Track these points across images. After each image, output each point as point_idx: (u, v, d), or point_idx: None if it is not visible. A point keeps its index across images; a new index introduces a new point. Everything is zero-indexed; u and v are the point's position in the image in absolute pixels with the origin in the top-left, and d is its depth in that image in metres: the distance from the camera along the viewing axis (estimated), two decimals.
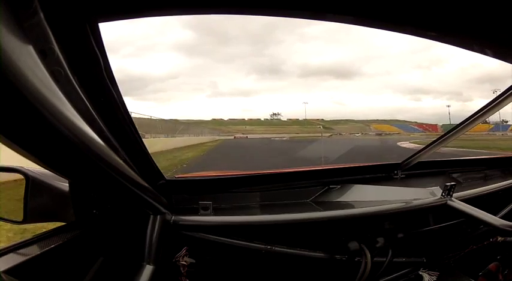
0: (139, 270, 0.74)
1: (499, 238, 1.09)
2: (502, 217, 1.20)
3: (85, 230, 0.80)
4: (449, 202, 1.14)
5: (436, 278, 1.20)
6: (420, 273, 1.22)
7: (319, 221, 1.02)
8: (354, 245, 1.06)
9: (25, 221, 0.77)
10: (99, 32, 0.49)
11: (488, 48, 0.77)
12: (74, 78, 0.44)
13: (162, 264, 0.79)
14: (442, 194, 1.18)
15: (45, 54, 0.36)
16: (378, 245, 1.09)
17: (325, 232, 1.09)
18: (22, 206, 0.76)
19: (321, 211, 1.11)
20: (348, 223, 1.08)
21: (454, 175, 1.53)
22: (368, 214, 1.08)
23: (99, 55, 0.51)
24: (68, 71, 0.42)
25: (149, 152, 0.82)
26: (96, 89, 0.54)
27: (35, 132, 0.35)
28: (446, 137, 1.29)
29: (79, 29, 0.46)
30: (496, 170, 1.67)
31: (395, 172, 1.38)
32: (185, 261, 0.88)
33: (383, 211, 1.09)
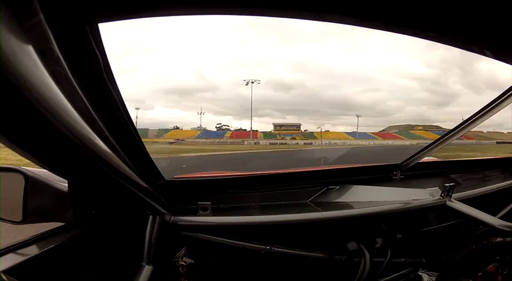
0: (138, 270, 0.74)
1: (498, 239, 1.09)
2: (501, 218, 1.21)
3: (84, 230, 0.80)
4: (448, 203, 1.14)
5: (435, 279, 1.20)
6: (419, 273, 1.22)
7: (318, 222, 1.03)
8: (352, 245, 1.06)
9: (24, 221, 0.77)
10: (99, 32, 0.49)
11: (487, 49, 0.77)
12: (73, 78, 0.44)
13: (161, 264, 0.79)
14: (441, 195, 1.18)
15: (45, 55, 0.36)
16: (377, 246, 1.09)
17: (324, 232, 1.09)
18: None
19: (320, 211, 1.11)
20: (347, 224, 1.08)
21: (453, 176, 1.53)
22: (367, 215, 1.08)
23: (98, 55, 0.51)
24: (68, 71, 0.42)
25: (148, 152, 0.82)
26: (95, 89, 0.54)
27: (34, 132, 0.35)
28: (445, 139, 1.30)
29: (79, 29, 0.47)
30: (494, 171, 1.68)
31: (394, 172, 1.38)
32: (184, 261, 0.88)
33: (382, 211, 1.09)
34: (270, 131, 38.24)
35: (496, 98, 1.09)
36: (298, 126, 39.32)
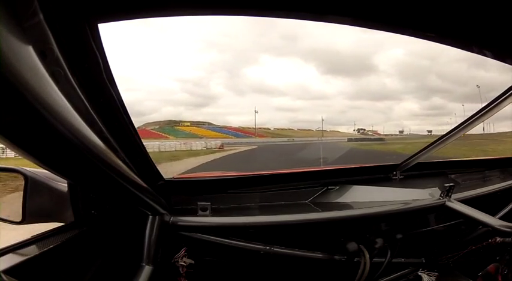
0: (138, 270, 0.74)
1: (498, 239, 1.09)
2: (500, 218, 1.21)
3: (84, 230, 0.80)
4: (448, 203, 1.14)
5: (435, 279, 1.20)
6: (419, 274, 1.22)
7: (318, 222, 1.03)
8: (352, 245, 1.06)
9: (24, 221, 0.77)
10: (99, 33, 0.49)
11: (487, 50, 0.77)
12: (73, 79, 0.44)
13: (160, 265, 0.79)
14: (440, 195, 1.18)
15: (44, 55, 0.36)
16: (376, 246, 1.09)
17: (323, 232, 1.09)
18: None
19: (319, 211, 1.11)
20: (346, 224, 1.08)
21: (453, 176, 1.53)
22: (367, 215, 1.08)
23: (98, 56, 0.51)
24: (68, 72, 0.42)
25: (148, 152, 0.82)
26: (95, 90, 0.54)
27: (34, 132, 0.35)
28: (445, 138, 1.29)
29: (79, 30, 0.46)
30: (494, 171, 1.67)
31: (394, 172, 1.38)
32: (184, 262, 0.88)
33: (382, 211, 1.09)
34: None
35: (496, 98, 1.09)
36: None
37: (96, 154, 0.46)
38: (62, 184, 0.83)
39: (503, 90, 1.05)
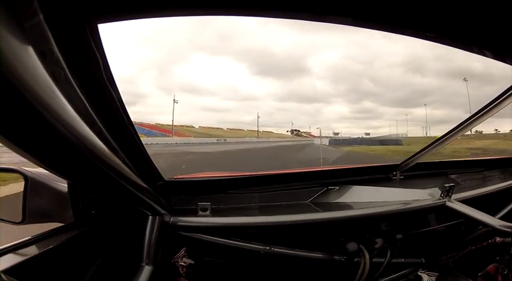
0: (138, 271, 0.74)
1: (498, 239, 1.09)
2: (500, 218, 1.21)
3: (84, 230, 0.80)
4: (448, 203, 1.14)
5: (435, 279, 1.20)
6: (419, 274, 1.22)
7: (318, 222, 1.03)
8: (352, 246, 1.06)
9: (24, 221, 0.77)
10: (99, 33, 0.49)
11: (487, 50, 0.77)
12: (73, 79, 0.44)
13: (160, 265, 0.79)
14: (440, 195, 1.18)
15: (44, 55, 0.36)
16: (376, 246, 1.09)
17: (323, 232, 1.09)
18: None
19: (319, 212, 1.11)
20: (346, 224, 1.08)
21: (453, 176, 1.53)
22: (367, 215, 1.08)
23: (98, 56, 0.51)
24: (68, 72, 0.42)
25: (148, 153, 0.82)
26: (95, 90, 0.54)
27: (34, 133, 0.35)
28: (445, 139, 1.29)
29: (78, 30, 0.46)
30: (494, 172, 1.67)
31: (394, 173, 1.38)
32: (184, 262, 0.88)
33: (382, 212, 1.09)
34: None
35: (496, 98, 1.09)
36: None
37: (96, 154, 0.46)
38: (62, 184, 0.83)
39: (503, 91, 1.05)
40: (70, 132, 0.38)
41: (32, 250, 0.65)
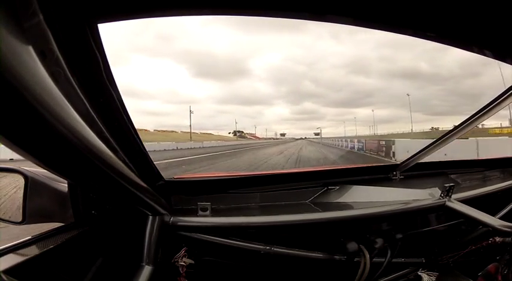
0: (138, 271, 0.74)
1: (498, 239, 1.09)
2: (500, 218, 1.21)
3: (84, 230, 0.80)
4: (448, 203, 1.14)
5: (435, 279, 1.20)
6: (419, 274, 1.22)
7: (318, 222, 1.03)
8: (352, 245, 1.06)
9: (24, 221, 0.77)
10: (99, 33, 0.50)
11: (487, 49, 0.77)
12: (73, 79, 0.44)
13: (160, 265, 0.79)
14: (440, 195, 1.18)
15: (44, 55, 0.36)
16: (376, 246, 1.09)
17: (323, 232, 1.09)
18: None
19: (319, 212, 1.11)
20: (346, 224, 1.08)
21: (453, 176, 1.53)
22: (367, 215, 1.08)
23: (98, 56, 0.51)
24: (68, 72, 0.42)
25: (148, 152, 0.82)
26: (95, 90, 0.54)
27: (34, 133, 0.35)
28: (445, 138, 1.29)
29: (78, 30, 0.47)
30: (494, 171, 1.67)
31: (394, 172, 1.38)
32: (184, 262, 0.88)
33: (382, 212, 1.09)
34: None
35: (496, 98, 1.09)
36: None
37: (96, 154, 0.46)
38: (62, 184, 0.83)
39: (503, 90, 1.05)
40: (70, 132, 0.38)
41: (32, 250, 0.65)
